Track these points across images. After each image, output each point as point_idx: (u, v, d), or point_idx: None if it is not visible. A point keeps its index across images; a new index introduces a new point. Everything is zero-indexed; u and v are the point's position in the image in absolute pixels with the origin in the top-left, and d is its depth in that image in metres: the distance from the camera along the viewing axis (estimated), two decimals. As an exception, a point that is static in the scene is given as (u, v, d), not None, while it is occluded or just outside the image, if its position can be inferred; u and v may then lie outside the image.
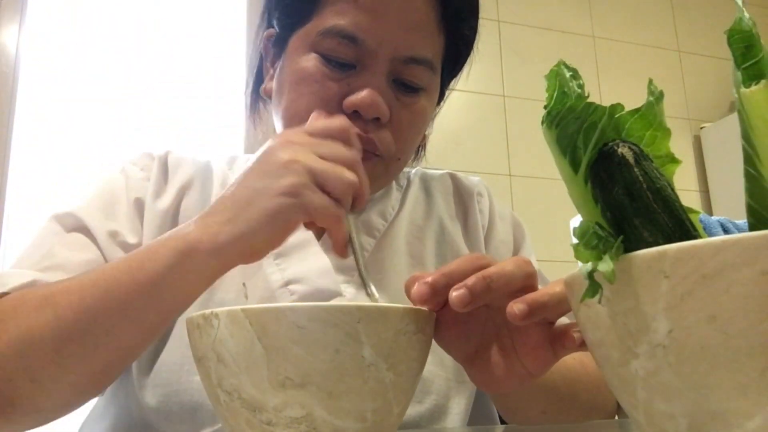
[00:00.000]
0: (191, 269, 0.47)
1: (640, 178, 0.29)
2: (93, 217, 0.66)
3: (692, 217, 0.30)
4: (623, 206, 0.29)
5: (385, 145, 0.65)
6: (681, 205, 0.29)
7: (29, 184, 1.85)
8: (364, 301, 0.65)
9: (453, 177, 0.84)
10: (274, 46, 0.73)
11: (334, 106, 0.63)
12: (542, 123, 0.32)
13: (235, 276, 0.62)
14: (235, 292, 0.65)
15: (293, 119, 0.65)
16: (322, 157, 0.49)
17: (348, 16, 0.63)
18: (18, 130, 1.85)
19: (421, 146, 0.81)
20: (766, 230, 0.22)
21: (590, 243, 0.28)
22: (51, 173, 1.86)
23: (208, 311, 0.37)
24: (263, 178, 0.47)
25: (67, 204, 0.68)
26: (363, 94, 0.62)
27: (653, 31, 2.63)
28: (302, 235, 0.69)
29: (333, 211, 0.47)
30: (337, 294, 0.66)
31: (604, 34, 2.53)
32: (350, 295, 0.66)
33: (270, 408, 0.35)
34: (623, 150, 0.29)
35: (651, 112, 0.32)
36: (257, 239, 0.47)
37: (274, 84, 0.72)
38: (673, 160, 0.33)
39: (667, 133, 0.32)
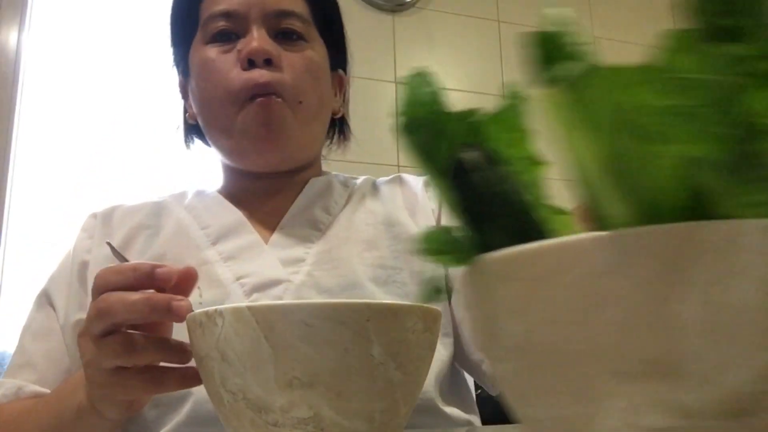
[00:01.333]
0: (92, 422, 0.55)
1: (485, 182, 0.29)
2: (58, 294, 0.75)
3: (566, 218, 0.30)
4: (471, 210, 0.29)
5: (281, 84, 0.73)
6: (528, 208, 0.29)
7: (31, 184, 1.84)
8: (311, 288, 0.69)
9: (400, 176, 0.90)
10: (183, 80, 0.85)
11: (234, 71, 0.73)
12: (401, 131, 0.31)
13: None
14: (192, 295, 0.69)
15: (208, 104, 0.76)
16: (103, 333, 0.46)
17: (217, 3, 0.76)
18: (19, 130, 1.84)
19: (344, 124, 0.90)
20: (587, 234, 0.22)
21: (438, 248, 0.29)
22: (53, 173, 1.86)
23: (211, 309, 0.36)
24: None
25: (47, 276, 0.78)
26: (250, 43, 0.73)
27: (653, 31, 2.62)
28: (249, 237, 0.75)
29: (139, 349, 0.46)
30: (286, 280, 0.71)
31: (604, 34, 2.53)
32: (298, 281, 0.71)
33: (276, 408, 0.35)
34: (470, 155, 0.29)
35: (510, 115, 0.31)
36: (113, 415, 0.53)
37: (192, 104, 0.82)
38: (537, 162, 0.32)
39: (528, 134, 0.31)
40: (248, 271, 0.71)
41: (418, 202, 0.84)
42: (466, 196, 0.29)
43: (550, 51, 0.27)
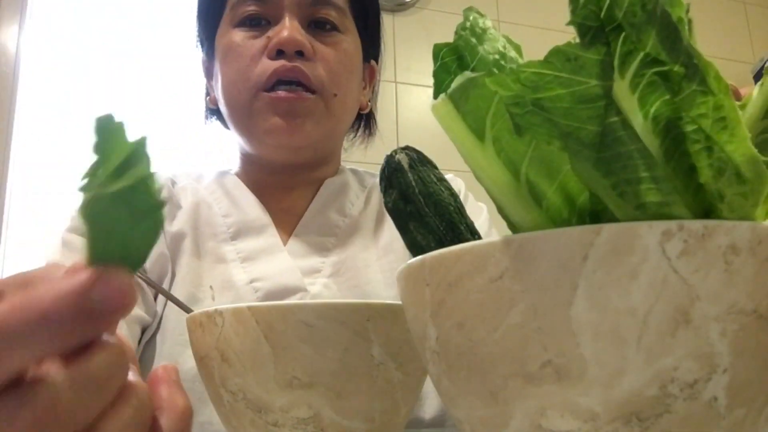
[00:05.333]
0: None
1: (413, 183, 0.29)
2: None
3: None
4: (399, 210, 0.29)
5: (316, 76, 0.69)
6: (457, 209, 0.29)
7: (29, 183, 1.84)
8: (327, 298, 0.67)
9: None
10: (207, 61, 0.79)
11: (261, 60, 0.69)
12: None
13: (186, 282, 0.66)
14: (185, 299, 0.65)
15: (230, 89, 0.71)
16: None
17: None
18: (18, 130, 1.84)
19: (372, 119, 0.85)
20: (495, 239, 0.22)
21: None
22: (51, 173, 1.86)
23: (212, 309, 0.36)
24: None
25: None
26: (281, 33, 0.68)
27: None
28: (270, 240, 0.71)
29: None
30: (302, 289, 0.67)
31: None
32: (315, 291, 0.68)
33: (276, 408, 0.34)
34: (400, 156, 0.30)
35: None
36: None
37: (214, 86, 0.77)
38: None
39: None
40: (264, 275, 0.68)
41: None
42: (395, 195, 0.29)
43: (447, 64, 0.27)
